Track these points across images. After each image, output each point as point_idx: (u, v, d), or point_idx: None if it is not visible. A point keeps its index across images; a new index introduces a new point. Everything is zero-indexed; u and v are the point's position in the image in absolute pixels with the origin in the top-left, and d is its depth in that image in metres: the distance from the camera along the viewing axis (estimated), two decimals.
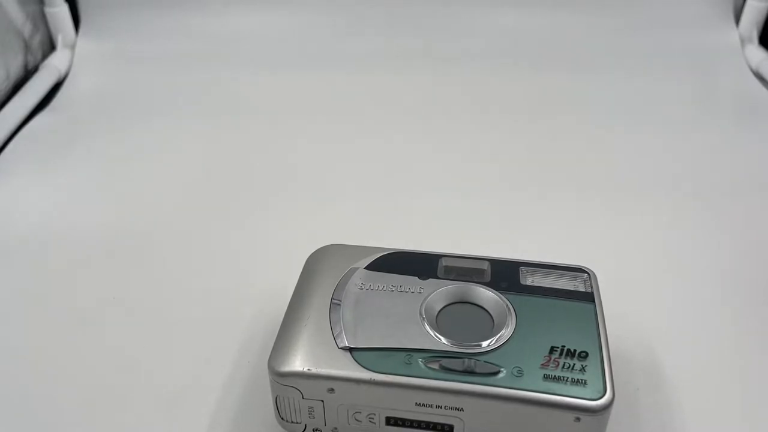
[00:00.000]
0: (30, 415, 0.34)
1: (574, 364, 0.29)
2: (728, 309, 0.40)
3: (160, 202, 0.49)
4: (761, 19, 0.70)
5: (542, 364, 0.29)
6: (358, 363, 0.29)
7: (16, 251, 0.45)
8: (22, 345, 0.38)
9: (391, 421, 0.30)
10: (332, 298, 0.32)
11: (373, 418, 0.30)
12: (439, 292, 0.32)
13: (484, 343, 0.30)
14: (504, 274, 0.34)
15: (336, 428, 0.31)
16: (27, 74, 0.66)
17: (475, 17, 0.71)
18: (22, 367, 0.36)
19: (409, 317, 0.31)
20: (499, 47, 0.69)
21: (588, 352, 0.29)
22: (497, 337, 0.30)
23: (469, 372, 0.29)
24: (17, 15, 0.65)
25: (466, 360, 0.29)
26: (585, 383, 0.28)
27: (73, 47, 0.69)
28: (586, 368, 0.29)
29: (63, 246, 0.45)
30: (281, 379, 0.29)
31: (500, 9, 0.71)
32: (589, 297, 0.32)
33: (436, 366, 0.29)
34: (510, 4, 0.71)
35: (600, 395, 0.28)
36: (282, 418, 0.31)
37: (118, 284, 0.42)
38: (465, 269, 0.34)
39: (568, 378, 0.28)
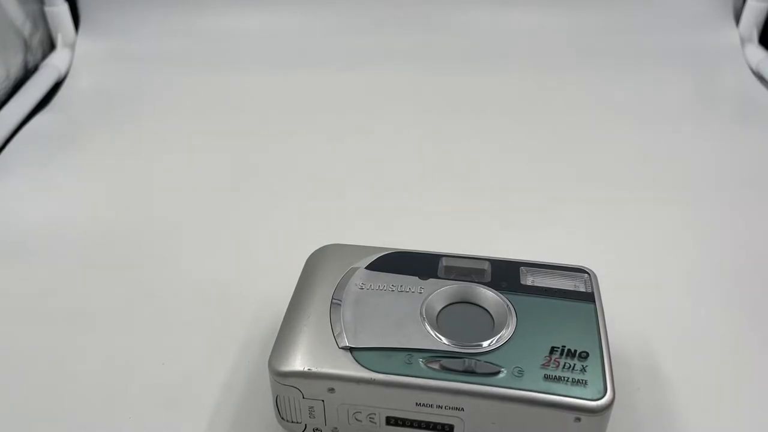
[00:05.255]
0: (29, 415, 0.34)
1: (574, 364, 0.29)
2: (729, 309, 0.40)
3: (160, 202, 0.49)
4: (761, 19, 0.70)
5: (542, 364, 0.29)
6: (359, 363, 0.29)
7: (16, 251, 0.45)
8: (22, 345, 0.38)
9: (391, 420, 0.30)
10: (332, 297, 0.32)
11: (373, 418, 0.30)
12: (440, 292, 0.32)
13: (485, 343, 0.30)
14: (504, 274, 0.33)
15: (336, 428, 0.31)
16: (27, 74, 0.66)
17: (475, 17, 0.71)
18: (21, 366, 0.36)
19: (409, 317, 0.31)
20: (499, 47, 0.69)
21: (588, 352, 0.29)
22: (497, 337, 0.30)
23: (469, 372, 0.29)
24: (17, 14, 0.65)
25: (467, 360, 0.29)
26: (585, 383, 0.28)
27: (72, 47, 0.69)
28: (586, 368, 0.29)
29: (63, 246, 0.45)
30: (281, 378, 0.29)
31: (500, 8, 0.71)
32: (589, 297, 0.32)
33: (436, 366, 0.29)
34: (510, 3, 0.71)
35: (600, 395, 0.28)
36: (282, 418, 0.31)
37: (118, 284, 0.42)
38: (465, 269, 0.34)
39: (568, 378, 0.28)
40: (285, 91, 0.64)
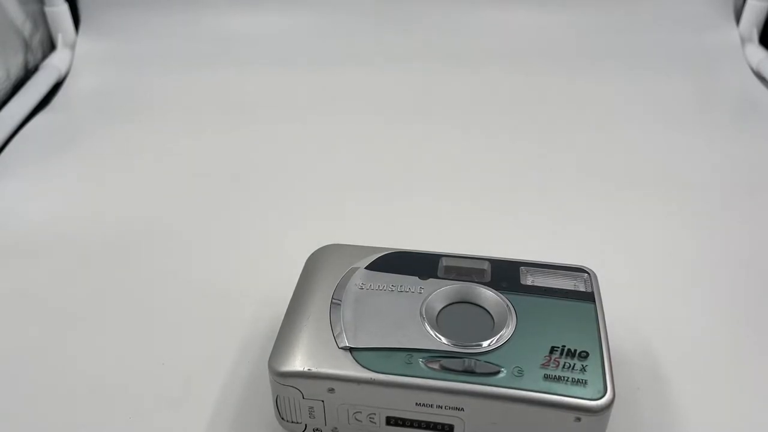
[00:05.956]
0: (29, 415, 0.34)
1: (574, 364, 0.29)
2: (729, 309, 0.40)
3: (160, 202, 0.49)
4: (761, 18, 0.70)
5: (542, 364, 0.29)
6: (359, 363, 0.29)
7: (16, 251, 0.45)
8: (22, 345, 0.38)
9: (391, 421, 0.30)
10: (332, 297, 0.32)
11: (373, 418, 0.30)
12: (440, 291, 0.32)
13: (485, 343, 0.30)
14: (504, 274, 0.33)
15: (336, 428, 0.31)
16: (27, 74, 0.66)
17: (475, 16, 0.71)
18: (21, 366, 0.36)
19: (409, 317, 0.31)
20: (498, 47, 0.69)
21: (588, 351, 0.29)
22: (497, 337, 0.30)
23: (469, 372, 0.29)
24: (17, 14, 0.65)
25: (467, 360, 0.29)
26: (585, 383, 0.28)
27: (73, 47, 0.69)
28: (586, 368, 0.29)
29: (63, 246, 0.45)
30: (281, 378, 0.29)
31: (500, 8, 0.71)
32: (589, 297, 0.32)
33: (436, 366, 0.29)
34: (510, 3, 0.71)
35: (600, 395, 0.28)
36: (282, 418, 0.31)
37: (118, 284, 0.42)
38: (465, 269, 0.34)
39: (568, 378, 0.28)
40: (285, 91, 0.64)
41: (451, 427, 0.30)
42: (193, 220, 0.48)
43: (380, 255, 0.35)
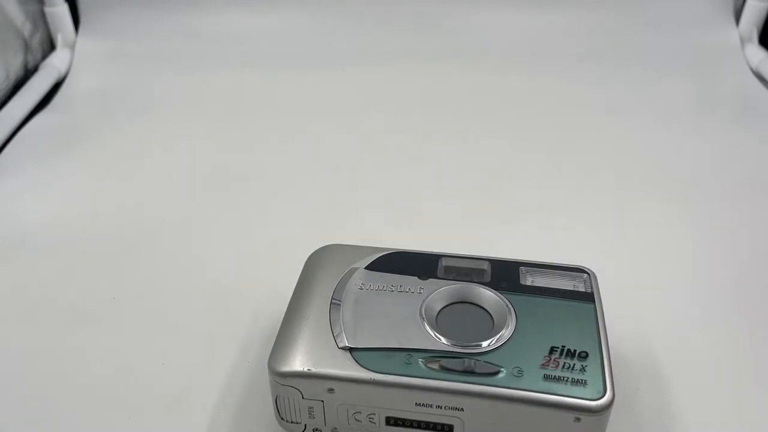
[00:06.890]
0: (29, 416, 0.34)
1: (574, 364, 0.29)
2: (728, 309, 0.40)
3: (160, 202, 0.49)
4: (761, 19, 0.70)
5: (542, 364, 0.29)
6: (358, 363, 0.29)
7: (16, 251, 0.45)
8: (22, 345, 0.38)
9: (391, 421, 0.30)
10: (332, 298, 0.32)
11: (373, 418, 0.30)
12: (439, 292, 0.32)
13: (484, 343, 0.30)
14: (504, 274, 0.33)
15: (336, 428, 0.31)
16: (27, 74, 0.66)
17: (476, 16, 0.71)
18: (21, 366, 0.36)
19: (409, 317, 0.31)
20: (498, 47, 0.69)
21: (588, 352, 0.29)
22: (497, 337, 0.30)
23: (469, 372, 0.29)
24: (17, 14, 0.65)
25: (466, 360, 0.29)
26: (585, 383, 0.28)
27: (72, 47, 0.69)
28: (586, 368, 0.29)
29: (63, 246, 0.45)
30: (281, 379, 0.29)
31: (500, 8, 0.71)
32: (589, 297, 0.32)
33: (436, 366, 0.29)
34: (510, 3, 0.71)
35: (600, 395, 0.28)
36: (282, 418, 0.31)
37: (118, 284, 0.42)
38: (465, 269, 0.34)
39: (568, 378, 0.28)
40: (285, 91, 0.64)
41: (450, 428, 0.30)
42: (193, 220, 0.48)
43: (380, 255, 0.35)
